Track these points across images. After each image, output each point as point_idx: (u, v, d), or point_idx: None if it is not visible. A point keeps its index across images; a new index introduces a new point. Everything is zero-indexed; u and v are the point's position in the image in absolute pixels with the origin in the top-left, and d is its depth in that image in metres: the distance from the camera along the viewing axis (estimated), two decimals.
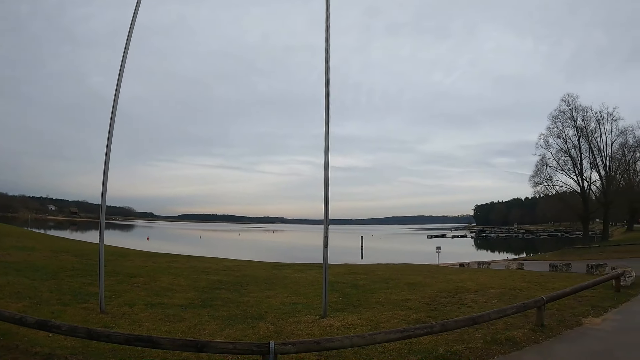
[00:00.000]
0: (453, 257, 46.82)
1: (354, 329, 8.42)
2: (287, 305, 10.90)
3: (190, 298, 11.43)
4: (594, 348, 7.39)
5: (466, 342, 7.37)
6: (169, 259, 23.39)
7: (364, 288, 14.15)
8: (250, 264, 23.28)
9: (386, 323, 8.95)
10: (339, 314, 9.85)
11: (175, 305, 10.39)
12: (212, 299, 11.38)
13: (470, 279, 16.78)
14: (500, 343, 7.40)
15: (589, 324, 9.07)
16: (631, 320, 9.46)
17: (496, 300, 11.95)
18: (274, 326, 8.50)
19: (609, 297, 11.98)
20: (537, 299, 8.67)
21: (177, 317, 9.11)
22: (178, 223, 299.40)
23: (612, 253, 36.33)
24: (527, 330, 8.28)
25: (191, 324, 8.54)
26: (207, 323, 8.64)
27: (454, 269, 25.28)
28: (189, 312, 9.70)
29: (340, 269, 20.73)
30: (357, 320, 9.18)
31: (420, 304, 11.33)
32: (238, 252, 49.37)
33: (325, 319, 9.17)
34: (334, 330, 8.23)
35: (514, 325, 8.64)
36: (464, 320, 6.88)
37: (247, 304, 10.92)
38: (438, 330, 6.54)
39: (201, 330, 8.12)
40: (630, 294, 12.59)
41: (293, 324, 8.71)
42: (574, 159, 58.89)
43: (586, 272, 18.98)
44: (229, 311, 9.89)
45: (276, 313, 9.79)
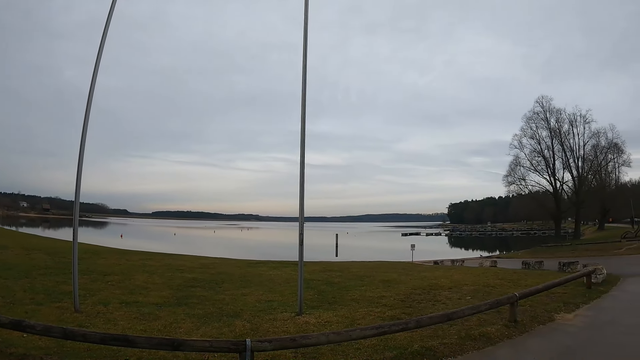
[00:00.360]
0: (427, 254, 47.07)
1: (330, 325, 8.49)
2: (262, 302, 10.92)
3: (165, 296, 11.37)
4: (566, 343, 7.57)
5: (441, 338, 7.49)
6: (143, 256, 23.22)
7: (339, 285, 14.25)
8: (225, 262, 23.27)
9: (362, 320, 9.03)
10: (315, 311, 9.91)
11: (150, 303, 10.33)
12: (187, 297, 11.33)
13: (444, 276, 17.00)
14: (475, 339, 7.54)
15: (561, 320, 9.27)
16: (602, 316, 9.66)
17: (470, 297, 12.13)
18: (250, 324, 8.51)
19: (581, 294, 12.22)
20: (510, 295, 8.84)
21: (152, 315, 9.07)
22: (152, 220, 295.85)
23: (584, 251, 36.90)
24: (500, 326, 8.45)
25: (167, 322, 8.50)
26: (183, 321, 8.61)
27: (428, 266, 25.56)
28: (165, 310, 9.65)
29: (315, 266, 20.81)
30: (333, 317, 9.26)
31: (395, 301, 11.45)
32: (213, 249, 49.13)
33: (301, 316, 9.22)
34: (309, 328, 8.28)
35: (488, 322, 8.80)
36: (439, 316, 7.00)
37: (222, 301, 10.90)
38: (413, 326, 6.64)
39: (177, 328, 8.08)
40: (601, 291, 12.85)
41: (269, 322, 8.73)
42: (547, 159, 60.05)
43: (558, 269, 19.27)
44: (205, 309, 9.86)
45: (252, 311, 9.80)
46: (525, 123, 61.18)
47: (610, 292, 12.74)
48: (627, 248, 33.90)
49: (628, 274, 16.46)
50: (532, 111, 60.61)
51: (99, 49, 9.83)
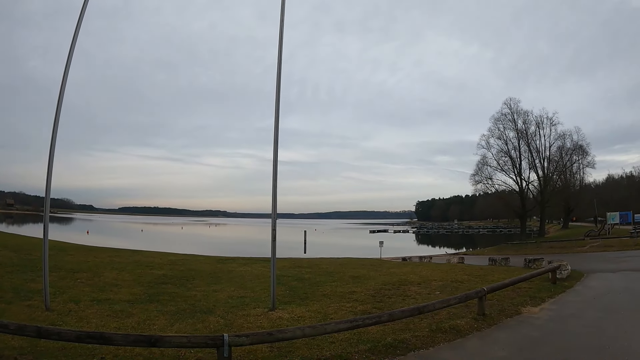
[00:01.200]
0: (395, 251, 47.59)
1: (303, 320, 8.61)
2: (234, 299, 10.98)
3: (136, 293, 11.31)
4: (532, 334, 7.84)
5: (412, 331, 7.69)
6: (111, 253, 22.86)
7: (310, 281, 14.36)
8: (194, 258, 23.10)
9: (334, 314, 9.18)
10: (287, 306, 10.02)
11: (121, 300, 10.27)
12: (158, 294, 11.30)
13: (412, 272, 17.18)
14: (445, 331, 7.77)
15: (527, 313, 9.57)
16: (566, 310, 9.95)
17: (439, 292, 12.35)
18: (224, 320, 8.58)
19: (546, 289, 12.52)
20: (479, 290, 9.11)
21: (125, 312, 9.03)
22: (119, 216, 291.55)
23: (548, 248, 37.68)
24: (469, 320, 8.70)
25: (140, 319, 8.49)
26: (156, 318, 8.62)
27: (397, 262, 25.83)
28: (137, 307, 9.61)
29: (285, 262, 20.83)
30: (306, 312, 9.39)
31: (366, 296, 11.62)
32: (181, 246, 48.56)
33: (274, 311, 9.32)
34: (283, 323, 8.39)
35: (457, 315, 9.05)
36: (410, 310, 7.19)
37: (194, 298, 10.91)
38: (386, 320, 6.82)
39: (151, 325, 8.08)
40: (566, 286, 13.16)
41: (242, 317, 8.81)
42: (514, 159, 61.01)
43: (524, 265, 19.56)
44: (177, 306, 9.87)
45: (224, 307, 9.85)
46: (493, 124, 62.08)
47: (574, 287, 13.05)
48: (590, 246, 34.65)
49: (591, 270, 16.82)
50: (500, 112, 61.45)
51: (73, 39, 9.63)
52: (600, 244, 34.92)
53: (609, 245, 33.18)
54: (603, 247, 32.58)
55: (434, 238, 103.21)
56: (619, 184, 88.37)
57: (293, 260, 23.31)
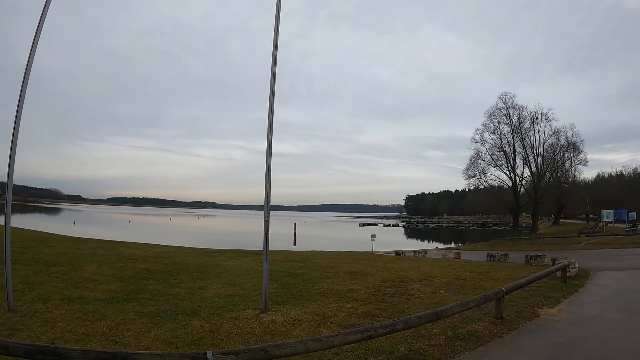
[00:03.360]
0: (387, 245, 47.00)
1: (300, 324, 7.60)
2: (222, 297, 9.90)
3: (113, 290, 10.17)
4: (557, 340, 7.06)
5: (427, 339, 6.76)
6: (94, 244, 21.84)
7: (303, 277, 13.44)
8: (181, 250, 22.08)
9: (334, 317, 8.19)
10: (281, 307, 9.01)
11: (96, 299, 9.12)
12: (138, 292, 10.17)
13: (411, 268, 16.50)
14: (463, 338, 6.86)
15: (545, 316, 8.83)
16: (585, 311, 9.28)
17: (444, 290, 11.59)
18: (209, 324, 7.47)
19: (558, 288, 11.84)
20: (497, 290, 8.18)
21: (97, 314, 7.87)
22: (107, 207, 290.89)
23: (543, 245, 37.42)
24: (487, 323, 7.83)
25: (113, 323, 7.35)
26: (132, 321, 7.48)
27: (392, 257, 25.01)
28: (112, 307, 8.47)
29: (276, 256, 19.96)
30: (302, 314, 8.37)
31: (366, 294, 10.77)
32: (169, 237, 47.66)
33: (267, 313, 8.26)
34: (277, 327, 7.35)
35: (472, 318, 8.15)
36: (427, 315, 6.16)
37: (177, 296, 9.82)
38: (401, 328, 5.79)
39: (124, 330, 6.95)
40: (577, 285, 12.59)
41: (231, 321, 7.72)
42: (508, 154, 60.79)
43: (525, 262, 19.27)
44: (158, 306, 8.76)
45: (211, 307, 8.76)
46: (488, 118, 61.78)
47: (585, 287, 12.49)
48: (585, 243, 34.75)
49: (596, 268, 16.37)
50: (495, 107, 61.19)
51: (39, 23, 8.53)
52: (596, 242, 34.97)
53: (605, 242, 33.14)
54: (599, 244, 32.64)
55: (423, 232, 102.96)
56: (609, 182, 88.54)
57: (284, 254, 22.46)
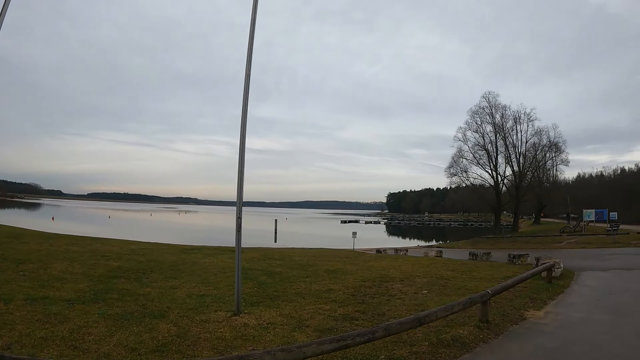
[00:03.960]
0: (368, 242, 46.76)
1: (274, 328, 7.12)
2: (194, 298, 9.37)
3: (81, 290, 9.59)
4: (547, 345, 6.70)
5: (409, 345, 6.32)
6: (69, 240, 21.10)
7: (281, 276, 12.95)
8: (157, 247, 21.43)
9: (310, 320, 7.73)
10: (255, 309, 8.52)
11: (61, 299, 8.53)
12: (106, 291, 9.59)
13: (392, 267, 16.14)
14: (448, 345, 6.43)
15: (532, 318, 8.47)
16: (573, 314, 8.96)
17: (426, 290, 11.21)
18: (177, 327, 6.96)
19: (543, 289, 11.55)
20: (483, 293, 7.75)
21: (60, 316, 7.32)
22: (88, 202, 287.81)
23: (524, 244, 37.46)
24: (472, 328, 7.42)
25: (75, 325, 6.80)
26: (96, 324, 6.93)
27: (373, 255, 24.63)
28: (77, 308, 7.91)
29: (254, 253, 19.46)
30: (277, 317, 7.89)
31: (345, 295, 10.34)
32: (147, 233, 46.97)
33: (239, 316, 7.77)
34: (249, 332, 6.86)
35: (456, 322, 7.72)
36: (410, 321, 5.72)
37: (147, 296, 9.27)
38: (381, 335, 5.33)
39: (86, 335, 6.40)
40: (562, 285, 12.31)
41: (200, 324, 7.21)
42: (490, 153, 60.69)
43: (508, 261, 19.03)
44: (125, 307, 8.20)
45: (180, 309, 8.23)
46: (471, 117, 61.60)
47: (571, 287, 12.20)
48: (567, 242, 34.79)
49: (580, 267, 16.15)
50: (478, 106, 61.03)
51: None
52: (577, 241, 35.08)
53: (586, 242, 33.23)
54: (581, 243, 32.72)
55: (405, 230, 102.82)
56: (590, 182, 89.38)
57: (263, 251, 21.92)
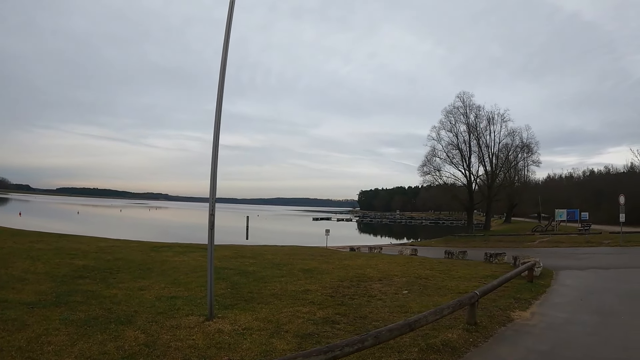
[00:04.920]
0: (341, 240, 46.65)
1: (250, 334, 6.62)
2: (164, 300, 8.78)
3: (43, 292, 8.93)
4: (538, 348, 6.51)
5: (397, 352, 5.94)
6: (34, 238, 20.15)
7: (255, 276, 12.48)
8: (127, 245, 20.66)
9: (289, 324, 7.27)
10: (229, 312, 8.01)
11: (21, 303, 7.86)
12: (70, 293, 8.93)
13: (368, 266, 15.89)
14: (438, 350, 6.09)
15: (519, 320, 8.27)
16: (558, 314, 8.81)
17: (406, 290, 10.95)
18: (145, 334, 6.38)
19: (526, 289, 11.42)
20: (471, 294, 7.40)
21: (17, 322, 6.65)
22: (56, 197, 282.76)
23: (497, 242, 37.67)
24: (461, 331, 7.14)
25: (34, 333, 6.16)
26: (56, 332, 6.30)
27: (348, 253, 24.36)
28: (37, 313, 7.26)
29: (226, 251, 18.92)
30: (253, 321, 7.39)
31: (323, 296, 9.97)
32: (117, 230, 45.90)
33: (212, 320, 7.25)
34: (224, 339, 6.33)
35: (443, 325, 7.40)
36: (400, 327, 5.30)
37: (113, 299, 8.64)
38: (371, 344, 4.87)
39: (46, 344, 5.78)
40: (543, 285, 12.23)
41: (170, 330, 6.65)
42: (463, 153, 60.93)
43: (484, 260, 18.99)
44: (89, 311, 7.56)
45: (149, 313, 7.65)
46: (445, 116, 61.70)
47: (552, 287, 12.12)
48: (540, 241, 35.12)
49: (557, 267, 16.13)
50: (453, 105, 61.15)
51: None
52: (549, 240, 35.43)
53: (559, 241, 33.56)
54: (553, 242, 33.07)
55: (376, 227, 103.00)
56: (559, 183, 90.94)
57: (235, 249, 21.37)
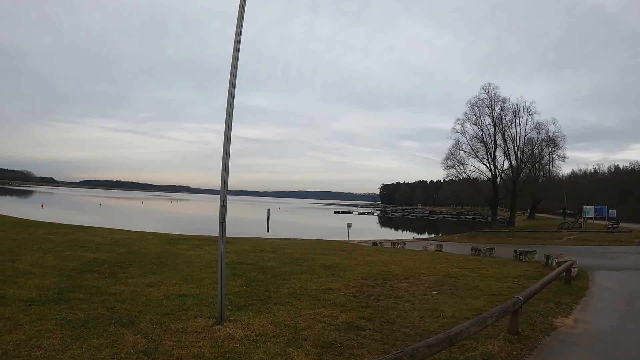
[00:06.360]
0: (362, 234, 46.02)
1: (264, 342, 5.84)
2: (172, 299, 8.07)
3: (45, 287, 8.32)
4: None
5: None
6: (49, 229, 19.66)
7: (273, 272, 11.71)
8: (143, 237, 20.06)
9: (308, 330, 6.48)
10: (242, 314, 7.26)
11: (19, 299, 7.26)
12: (73, 289, 8.30)
13: (393, 262, 14.98)
14: None
15: (563, 328, 7.35)
16: (604, 321, 7.92)
17: (435, 291, 10.07)
18: (146, 339, 5.67)
19: (565, 291, 10.46)
20: (514, 300, 6.46)
21: (10, 322, 6.02)
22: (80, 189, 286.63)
23: (522, 239, 36.47)
24: (502, 342, 6.28)
25: (25, 335, 5.51)
26: (50, 334, 5.62)
27: (370, 248, 23.45)
28: (33, 311, 6.62)
29: (245, 244, 18.19)
30: (268, 325, 6.62)
31: (346, 296, 9.16)
32: (136, 222, 45.79)
33: (222, 325, 6.49)
34: (234, 347, 5.57)
35: (482, 334, 6.44)
36: (439, 342, 4.43)
37: (118, 297, 7.95)
38: None
39: (35, 348, 5.13)
40: (581, 287, 11.28)
41: (175, 335, 5.90)
42: (488, 146, 59.41)
43: (514, 258, 17.95)
44: (90, 310, 6.89)
45: (154, 313, 6.94)
46: (469, 108, 60.14)
47: (591, 289, 11.14)
48: (567, 238, 34.00)
49: (591, 267, 15.11)
50: (477, 97, 59.50)
51: None
52: (577, 237, 34.19)
53: (587, 239, 32.31)
54: (581, 240, 31.84)
55: (397, 222, 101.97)
56: (583, 179, 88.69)
57: (254, 242, 20.64)
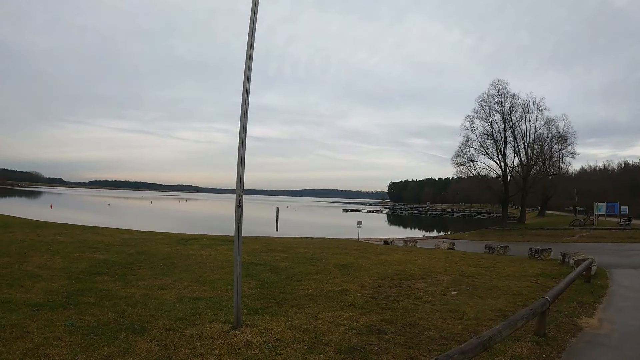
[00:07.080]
0: (372, 232, 45.95)
1: (284, 349, 5.53)
2: (185, 302, 7.77)
3: (54, 291, 8.01)
4: None
5: None
6: (58, 230, 19.61)
7: (287, 272, 11.45)
8: (152, 237, 19.87)
9: (329, 334, 6.18)
10: (259, 318, 6.95)
11: (27, 304, 6.94)
12: (83, 292, 8.00)
13: (407, 261, 14.81)
14: None
15: (589, 328, 7.12)
16: (628, 321, 7.78)
17: (455, 291, 9.78)
18: (160, 347, 5.36)
19: (586, 290, 10.23)
20: (542, 301, 6.14)
21: (18, 329, 5.69)
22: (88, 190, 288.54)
23: (534, 236, 36.34)
24: (530, 344, 6.05)
25: (32, 343, 5.19)
26: (58, 342, 5.32)
27: (382, 246, 23.25)
28: (41, 317, 6.30)
29: (256, 244, 17.98)
30: (286, 330, 6.32)
31: (364, 297, 8.89)
32: (145, 222, 45.79)
33: (239, 329, 6.18)
34: (252, 354, 5.27)
35: (509, 336, 6.16)
36: (473, 347, 4.10)
37: (129, 300, 7.65)
38: None
39: (43, 357, 4.82)
40: (601, 286, 11.09)
41: (190, 343, 5.59)
42: (498, 143, 59.03)
43: (529, 256, 17.87)
44: (100, 315, 6.58)
45: (167, 318, 6.63)
46: (479, 105, 60.07)
47: (611, 287, 10.98)
48: (579, 236, 34.11)
49: (608, 264, 14.95)
50: (487, 94, 59.48)
51: None
52: (589, 235, 34.19)
53: (599, 236, 32.29)
54: (594, 237, 31.86)
55: (406, 219, 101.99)
56: (592, 176, 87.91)
57: (265, 241, 20.44)
